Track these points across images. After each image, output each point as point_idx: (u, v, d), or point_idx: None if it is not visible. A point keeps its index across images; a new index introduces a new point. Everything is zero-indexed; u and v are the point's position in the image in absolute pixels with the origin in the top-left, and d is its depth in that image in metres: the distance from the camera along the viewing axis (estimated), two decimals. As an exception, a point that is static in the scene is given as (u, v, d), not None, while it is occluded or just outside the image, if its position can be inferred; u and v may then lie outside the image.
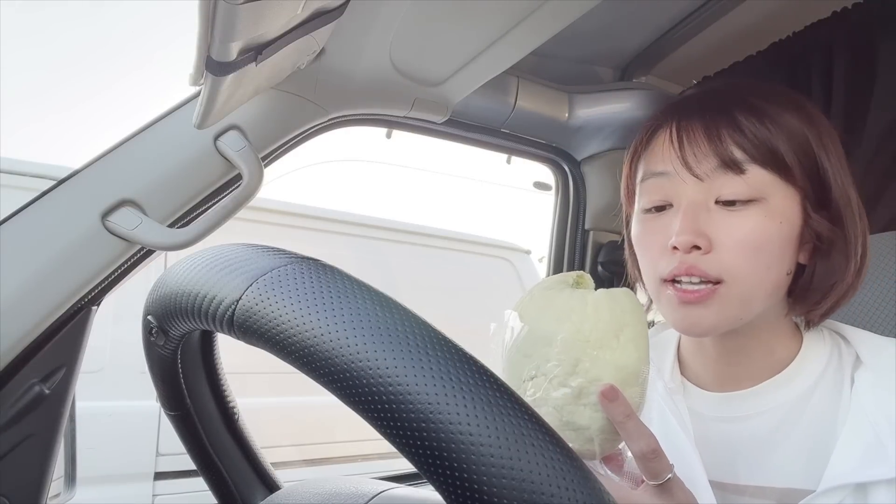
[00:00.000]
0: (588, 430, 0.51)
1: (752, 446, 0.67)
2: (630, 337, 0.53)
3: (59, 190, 0.68)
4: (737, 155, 0.62)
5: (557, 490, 0.29)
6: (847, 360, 0.66)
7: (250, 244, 0.40)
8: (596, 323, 0.52)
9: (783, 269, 0.65)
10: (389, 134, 1.08)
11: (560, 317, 0.53)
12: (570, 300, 0.54)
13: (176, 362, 0.52)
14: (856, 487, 0.58)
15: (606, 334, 0.52)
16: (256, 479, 0.61)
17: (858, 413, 0.61)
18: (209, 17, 0.45)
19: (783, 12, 1.03)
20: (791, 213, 0.63)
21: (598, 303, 0.53)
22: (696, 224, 0.62)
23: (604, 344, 0.51)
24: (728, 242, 0.62)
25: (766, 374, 0.68)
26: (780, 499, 0.64)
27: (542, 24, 0.79)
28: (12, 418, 0.65)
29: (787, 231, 0.63)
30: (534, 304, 0.56)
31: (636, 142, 0.72)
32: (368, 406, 0.31)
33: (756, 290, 0.63)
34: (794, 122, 0.64)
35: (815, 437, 0.64)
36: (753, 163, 0.62)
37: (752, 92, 0.67)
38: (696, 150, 0.64)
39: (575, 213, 1.33)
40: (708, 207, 0.63)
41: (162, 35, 9.25)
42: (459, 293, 3.32)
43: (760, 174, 0.62)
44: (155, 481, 2.47)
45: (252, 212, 2.66)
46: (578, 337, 0.51)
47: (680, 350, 0.77)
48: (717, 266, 0.62)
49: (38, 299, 0.64)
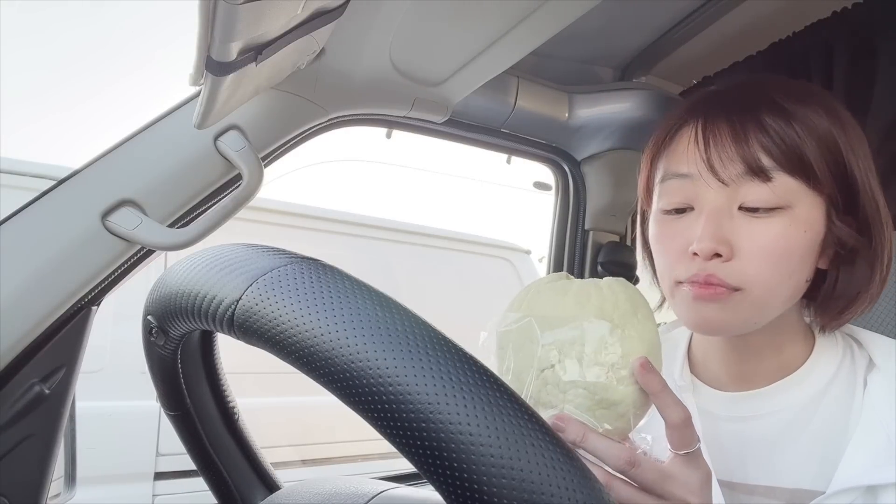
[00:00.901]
0: (621, 405, 0.52)
1: (762, 446, 0.66)
2: (645, 315, 0.54)
3: (59, 190, 0.68)
4: (764, 162, 0.60)
5: (557, 490, 0.29)
6: (860, 362, 0.66)
7: (250, 244, 0.40)
8: (616, 303, 0.53)
9: (803, 277, 0.63)
10: (389, 134, 1.08)
11: (580, 301, 0.53)
12: (584, 286, 0.55)
13: (176, 362, 0.52)
14: (866, 490, 0.58)
15: (626, 313, 0.53)
16: (256, 479, 0.61)
17: (871, 416, 0.61)
18: (209, 17, 0.45)
19: (783, 12, 1.03)
20: (816, 221, 0.61)
21: (611, 286, 0.55)
22: (720, 231, 0.60)
23: (626, 321, 0.53)
24: (750, 250, 0.60)
25: (777, 375, 0.67)
26: (789, 499, 0.64)
27: (542, 24, 0.79)
28: (12, 418, 0.65)
29: (812, 239, 0.61)
30: (544, 296, 0.56)
31: (657, 139, 0.70)
32: (368, 406, 0.31)
33: (774, 298, 0.62)
34: (824, 123, 0.61)
35: (827, 439, 0.63)
36: (781, 170, 0.60)
37: (780, 90, 0.64)
38: (721, 154, 0.61)
39: (575, 213, 1.33)
40: (731, 213, 0.61)
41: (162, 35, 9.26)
42: (459, 293, 3.32)
43: (787, 182, 0.60)
44: (155, 481, 2.46)
45: (252, 212, 2.66)
46: (603, 316, 0.52)
47: (691, 349, 0.76)
48: (737, 275, 0.60)
49: (38, 299, 0.64)
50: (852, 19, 0.99)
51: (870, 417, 0.61)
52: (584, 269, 1.32)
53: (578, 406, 0.51)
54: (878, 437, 0.59)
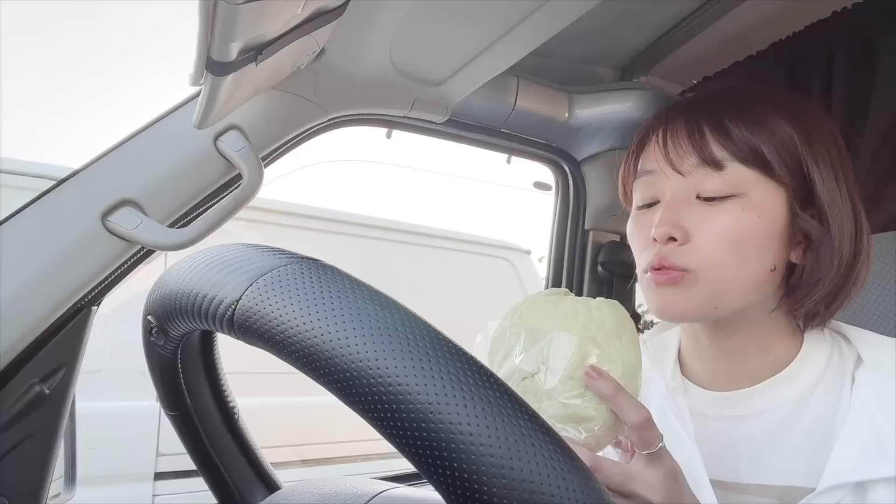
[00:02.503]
0: (592, 422, 0.54)
1: (753, 445, 0.67)
2: (630, 339, 0.56)
3: (59, 190, 0.68)
4: (716, 153, 0.64)
5: (557, 490, 0.29)
6: (848, 359, 0.67)
7: (250, 244, 0.40)
8: (601, 324, 0.55)
9: (765, 265, 0.65)
10: (389, 134, 1.08)
11: (567, 317, 0.56)
12: (575, 304, 0.57)
13: (176, 362, 0.52)
14: (855, 486, 0.59)
15: (610, 335, 0.55)
16: (256, 479, 0.61)
17: (859, 412, 0.61)
18: (209, 17, 0.45)
19: (783, 12, 1.03)
20: (772, 208, 0.64)
21: (601, 307, 0.57)
22: (676, 217, 0.65)
23: (609, 342, 0.55)
24: (703, 235, 0.64)
25: (765, 374, 0.68)
26: (780, 497, 0.65)
27: (542, 24, 0.79)
28: (12, 418, 0.65)
29: (768, 225, 0.64)
30: (537, 308, 0.58)
31: (632, 143, 0.75)
32: (368, 406, 0.31)
33: (732, 283, 0.64)
34: (782, 122, 0.65)
35: (816, 436, 0.64)
36: (734, 160, 0.64)
37: (746, 96, 0.69)
38: (678, 149, 0.67)
39: (575, 213, 1.33)
40: (689, 202, 0.66)
41: (162, 35, 9.25)
42: (459, 293, 3.32)
43: (740, 170, 0.64)
44: (155, 481, 2.47)
45: (252, 212, 2.66)
46: (586, 335, 0.54)
47: (681, 350, 0.77)
48: (687, 257, 0.64)
49: (38, 299, 0.64)
50: (852, 19, 0.99)
51: (858, 413, 0.61)
52: (584, 269, 1.32)
53: (552, 417, 0.53)
54: (866, 432, 0.60)
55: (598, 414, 0.53)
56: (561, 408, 0.53)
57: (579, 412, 0.53)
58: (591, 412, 0.53)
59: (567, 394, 0.53)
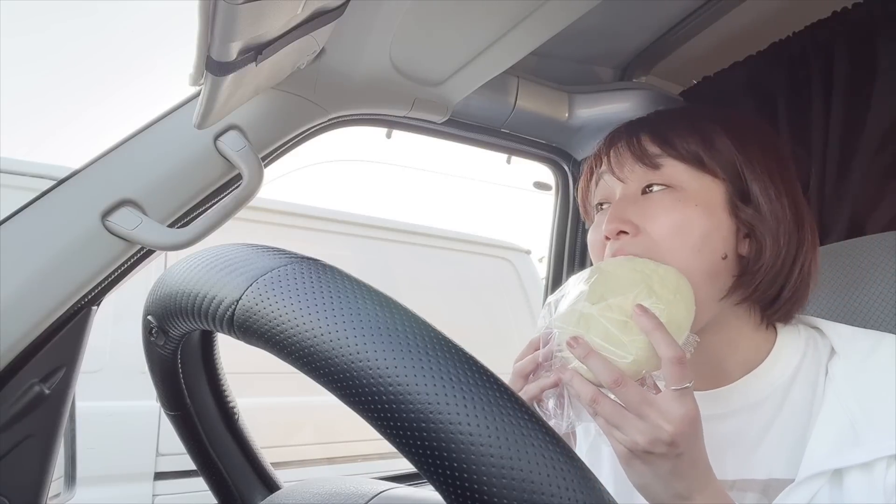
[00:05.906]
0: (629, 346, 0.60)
1: (736, 441, 0.69)
2: (683, 299, 0.63)
3: (59, 190, 0.68)
4: (650, 150, 0.70)
5: (557, 490, 0.29)
6: (822, 351, 0.69)
7: (250, 244, 0.40)
8: (663, 280, 0.63)
9: (715, 252, 0.68)
10: (389, 134, 1.08)
11: (636, 268, 0.64)
12: (645, 264, 0.65)
13: (176, 362, 0.52)
14: (833, 474, 0.61)
15: (667, 290, 0.62)
16: (256, 479, 0.61)
17: (833, 402, 0.64)
18: (209, 17, 0.45)
19: (783, 12, 1.03)
20: (709, 198, 0.68)
21: (668, 269, 0.64)
22: (623, 213, 0.69)
23: (663, 296, 0.62)
24: (651, 225, 0.68)
25: (740, 372, 0.71)
26: (763, 490, 0.66)
27: (542, 24, 0.79)
28: (12, 418, 0.65)
29: (708, 213, 0.67)
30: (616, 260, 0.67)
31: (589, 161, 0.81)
32: (368, 406, 0.31)
33: (687, 271, 0.66)
34: (718, 128, 0.70)
35: (794, 429, 0.66)
36: (667, 156, 0.70)
37: (688, 113, 0.76)
38: (619, 156, 0.73)
39: (575, 213, 1.33)
40: (635, 200, 0.70)
41: (162, 35, 9.26)
42: (459, 293, 3.32)
43: (675, 165, 0.69)
44: (155, 481, 2.46)
45: (252, 212, 2.66)
46: (646, 283, 0.62)
47: None
48: (642, 246, 0.67)
49: (38, 299, 0.64)
50: (852, 19, 0.99)
51: (832, 403, 0.64)
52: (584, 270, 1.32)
53: (596, 335, 0.60)
54: (840, 421, 0.62)
55: (631, 346, 0.59)
56: (605, 332, 0.60)
57: (621, 339, 0.60)
58: (625, 343, 0.59)
59: (616, 322, 0.60)
